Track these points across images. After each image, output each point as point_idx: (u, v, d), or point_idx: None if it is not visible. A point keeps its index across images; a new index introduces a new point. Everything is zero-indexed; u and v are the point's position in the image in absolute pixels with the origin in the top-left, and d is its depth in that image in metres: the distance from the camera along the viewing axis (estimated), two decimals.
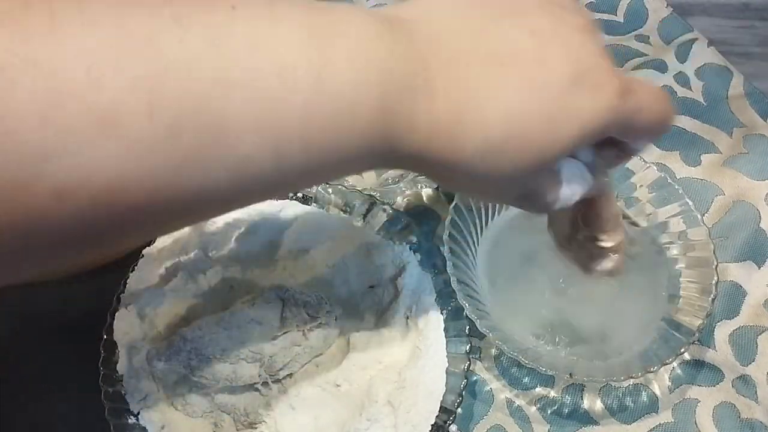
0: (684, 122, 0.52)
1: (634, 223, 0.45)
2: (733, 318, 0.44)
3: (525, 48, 0.26)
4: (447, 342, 0.39)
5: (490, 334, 0.39)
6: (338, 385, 0.38)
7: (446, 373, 0.38)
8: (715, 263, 0.41)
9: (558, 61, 0.26)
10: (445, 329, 0.40)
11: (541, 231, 0.46)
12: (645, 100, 0.29)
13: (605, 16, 0.58)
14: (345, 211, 0.44)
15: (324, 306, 0.39)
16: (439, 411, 0.37)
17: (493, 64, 0.26)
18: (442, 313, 0.40)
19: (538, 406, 0.42)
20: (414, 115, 0.25)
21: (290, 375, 0.39)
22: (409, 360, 0.39)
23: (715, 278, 0.40)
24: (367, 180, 0.50)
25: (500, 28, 0.27)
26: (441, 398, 0.37)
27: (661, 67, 0.55)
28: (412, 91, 0.25)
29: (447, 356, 0.39)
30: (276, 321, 0.37)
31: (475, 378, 0.42)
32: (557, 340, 0.41)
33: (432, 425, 0.37)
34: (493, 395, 0.42)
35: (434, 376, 0.38)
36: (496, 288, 0.43)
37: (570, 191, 0.31)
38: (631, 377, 0.39)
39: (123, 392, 0.38)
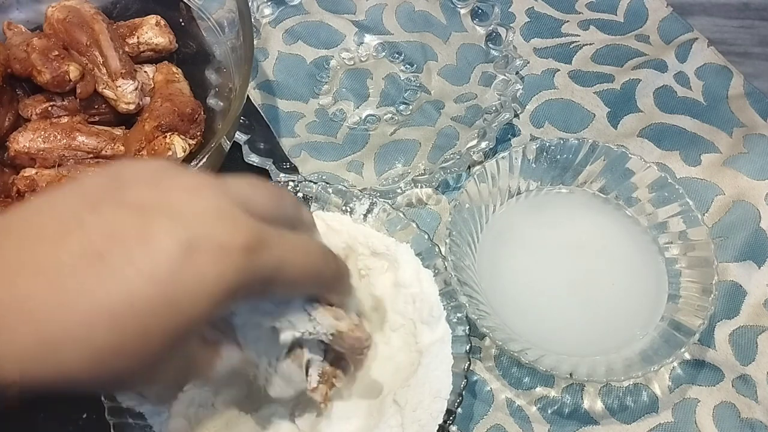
0: (684, 122, 0.52)
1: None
2: (733, 318, 0.44)
3: (124, 228, 0.24)
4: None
5: (491, 334, 0.39)
6: None
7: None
8: (715, 263, 0.41)
9: (165, 235, 0.24)
10: None
11: (543, 230, 0.46)
12: (287, 254, 0.27)
13: (605, 16, 0.58)
14: (345, 211, 0.44)
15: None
16: None
17: (89, 261, 0.23)
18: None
19: (539, 406, 0.42)
20: None
21: None
22: (414, 359, 0.39)
23: (715, 278, 0.40)
24: (367, 180, 0.50)
25: (97, 214, 0.24)
26: (448, 396, 0.37)
27: (661, 66, 0.55)
28: None
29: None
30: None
31: (475, 378, 0.42)
32: (558, 339, 0.41)
33: None
34: (493, 395, 0.42)
35: (439, 375, 0.38)
36: (497, 287, 0.43)
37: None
38: (631, 377, 0.39)
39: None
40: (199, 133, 0.47)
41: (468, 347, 0.39)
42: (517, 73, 0.51)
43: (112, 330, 0.23)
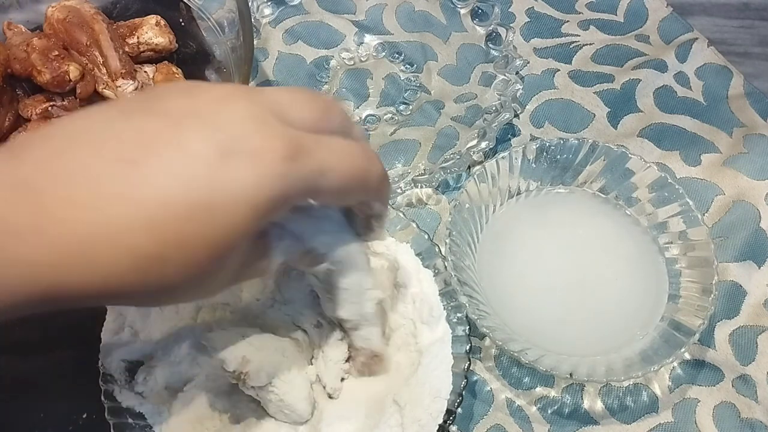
0: (684, 122, 0.52)
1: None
2: (733, 318, 0.44)
3: (157, 134, 0.24)
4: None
5: (491, 334, 0.39)
6: None
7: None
8: (715, 263, 0.41)
9: (199, 140, 0.24)
10: None
11: (543, 230, 0.46)
12: (328, 159, 0.26)
13: (605, 16, 0.58)
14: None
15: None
16: None
17: (124, 164, 0.23)
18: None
19: (539, 406, 0.42)
20: (23, 256, 0.22)
21: None
22: (414, 359, 0.39)
23: (715, 278, 0.40)
24: None
25: (129, 121, 0.24)
26: (448, 396, 0.37)
27: (661, 66, 0.55)
28: (13, 230, 0.22)
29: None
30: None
31: (475, 378, 0.42)
32: (558, 339, 0.41)
33: None
34: (493, 395, 0.42)
35: (439, 375, 0.38)
36: (497, 287, 0.43)
37: (285, 250, 0.30)
38: (631, 377, 0.39)
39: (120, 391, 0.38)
40: None
41: (468, 347, 0.39)
42: (517, 73, 0.51)
43: (152, 236, 0.23)
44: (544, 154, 0.46)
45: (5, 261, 0.22)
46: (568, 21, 0.58)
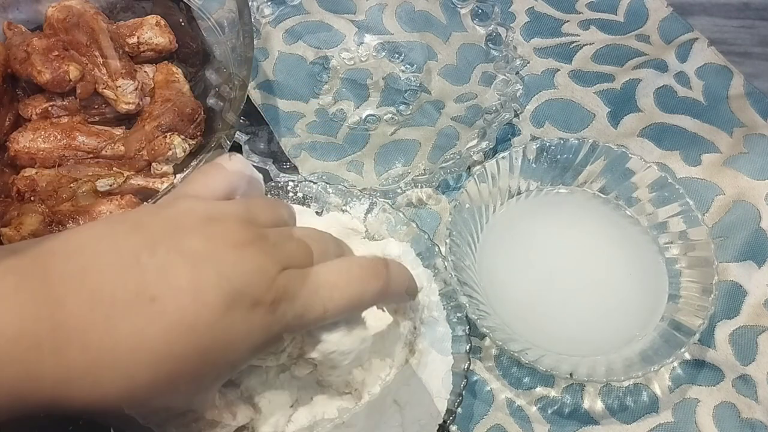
0: (684, 122, 0.52)
1: None
2: (733, 318, 0.44)
3: (177, 277, 0.26)
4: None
5: (491, 334, 0.39)
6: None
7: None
8: (715, 263, 0.41)
9: (211, 288, 0.26)
10: None
11: (543, 230, 0.46)
12: (311, 300, 0.29)
13: (605, 16, 0.58)
14: (345, 212, 0.44)
15: None
16: None
17: (142, 300, 0.25)
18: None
19: (539, 405, 0.42)
20: (37, 367, 0.24)
21: None
22: (413, 359, 0.39)
23: (715, 278, 0.40)
24: (367, 180, 0.50)
25: (154, 256, 0.26)
26: (448, 396, 0.37)
27: (661, 66, 0.55)
28: (33, 344, 0.24)
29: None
30: None
31: (475, 378, 0.42)
32: (558, 339, 0.41)
33: None
34: (493, 395, 0.42)
35: (439, 374, 0.38)
36: (497, 287, 0.43)
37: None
38: (631, 377, 0.39)
39: None
40: (199, 133, 0.47)
41: (468, 347, 0.39)
42: (517, 73, 0.51)
43: (150, 368, 0.25)
44: (545, 154, 0.46)
45: (23, 374, 0.24)
46: (568, 21, 0.58)
